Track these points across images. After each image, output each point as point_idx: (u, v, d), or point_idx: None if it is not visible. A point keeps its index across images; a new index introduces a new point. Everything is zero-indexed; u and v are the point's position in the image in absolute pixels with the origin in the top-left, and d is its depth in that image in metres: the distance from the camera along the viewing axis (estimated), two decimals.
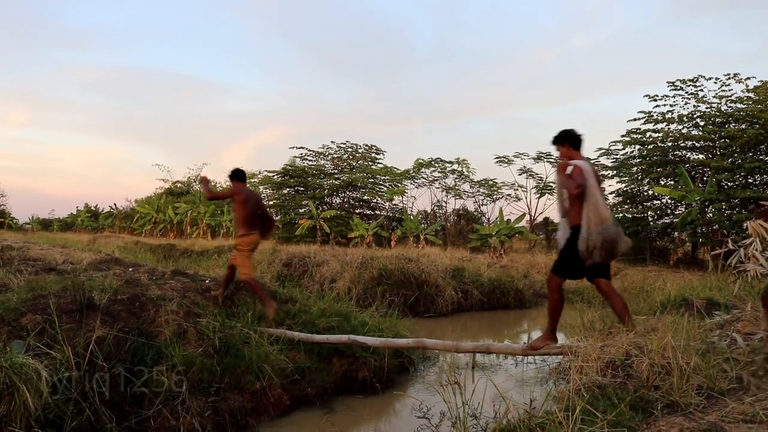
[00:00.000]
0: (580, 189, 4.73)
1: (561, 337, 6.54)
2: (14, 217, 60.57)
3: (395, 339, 6.82)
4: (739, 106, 21.18)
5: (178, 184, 45.68)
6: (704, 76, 22.09)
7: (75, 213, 57.49)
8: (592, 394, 3.76)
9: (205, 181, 7.91)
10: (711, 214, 19.09)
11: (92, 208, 57.40)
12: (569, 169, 4.87)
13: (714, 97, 22.03)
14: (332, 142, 36.09)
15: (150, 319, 6.04)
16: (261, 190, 40.55)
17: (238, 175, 7.55)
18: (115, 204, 52.93)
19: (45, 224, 58.37)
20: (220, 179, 45.51)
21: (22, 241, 19.48)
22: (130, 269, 9.66)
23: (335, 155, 35.95)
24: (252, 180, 42.11)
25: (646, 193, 24.15)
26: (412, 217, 30.23)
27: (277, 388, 5.84)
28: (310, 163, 35.85)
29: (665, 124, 22.64)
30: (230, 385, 5.61)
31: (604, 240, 4.65)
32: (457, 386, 3.60)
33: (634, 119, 23.50)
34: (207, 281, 8.32)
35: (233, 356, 5.89)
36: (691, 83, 22.25)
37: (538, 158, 30.70)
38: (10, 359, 4.16)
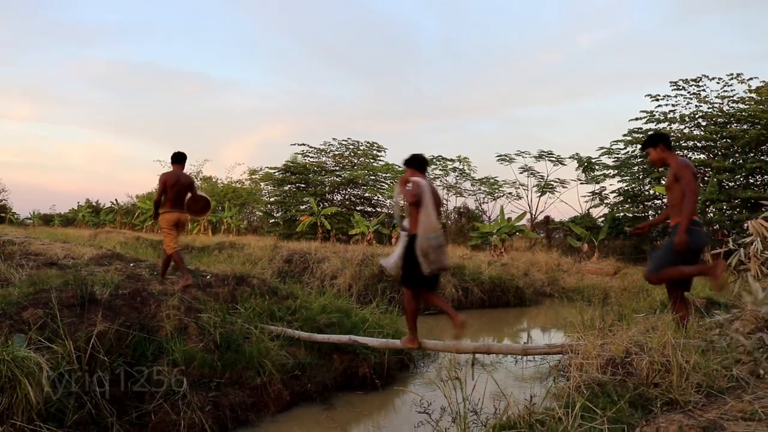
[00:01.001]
0: (416, 198, 5.41)
1: (560, 336, 6.58)
2: (15, 212, 60.60)
3: (395, 340, 6.82)
4: (741, 106, 21.19)
5: None
6: (707, 76, 22.12)
7: (76, 208, 57.52)
8: (591, 392, 3.77)
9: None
10: (712, 214, 19.12)
11: (93, 203, 57.44)
12: (409, 184, 5.59)
13: (716, 97, 22.05)
14: (334, 139, 36.12)
15: (151, 314, 6.05)
16: (262, 186, 40.58)
17: (175, 158, 8.15)
18: (116, 199, 52.94)
19: (46, 219, 58.44)
20: (221, 175, 45.60)
21: (23, 236, 19.50)
22: (132, 264, 9.69)
23: (337, 152, 35.96)
24: (253, 176, 42.17)
25: (647, 193, 24.16)
26: None
27: (278, 384, 5.86)
28: (311, 159, 35.85)
29: (667, 123, 22.66)
30: (231, 380, 5.62)
31: (433, 246, 5.34)
32: (457, 382, 3.61)
33: (636, 119, 23.54)
34: (208, 277, 8.34)
35: (234, 352, 5.91)
36: (693, 83, 22.27)
37: (540, 157, 30.73)
38: (12, 353, 4.18)
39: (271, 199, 38.52)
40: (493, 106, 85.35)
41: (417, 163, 5.86)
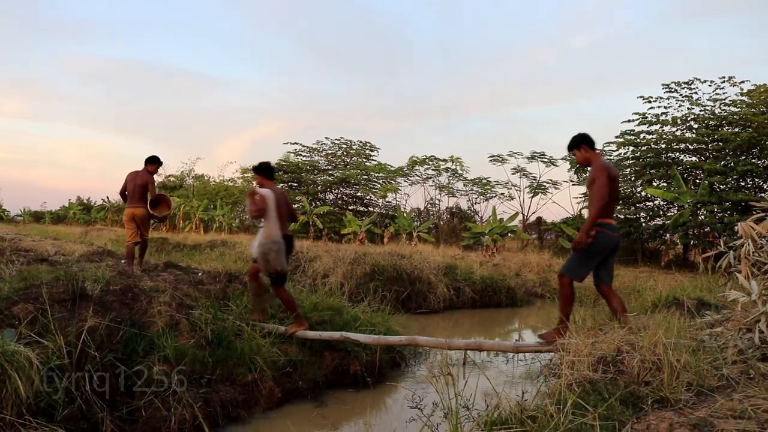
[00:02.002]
0: (257, 213, 6.25)
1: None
2: (5, 209, 60.28)
3: (387, 336, 6.83)
4: (733, 109, 21.31)
5: (172, 178, 45.56)
6: (699, 79, 22.24)
7: (67, 206, 57.27)
8: (583, 389, 3.78)
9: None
10: (703, 217, 19.21)
11: (84, 201, 57.22)
12: (258, 196, 6.32)
13: (708, 99, 22.17)
14: (326, 138, 36.16)
15: (142, 310, 6.02)
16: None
17: (146, 160, 9.19)
18: (107, 197, 52.73)
19: (37, 216, 58.14)
20: (214, 174, 45.48)
21: (13, 233, 19.45)
22: (123, 261, 9.65)
23: (329, 151, 35.97)
24: (245, 175, 42.11)
25: (638, 195, 24.26)
26: (405, 215, 30.25)
27: (269, 381, 5.85)
28: (304, 158, 35.86)
29: (659, 125, 22.76)
30: (222, 376, 5.61)
31: (270, 249, 6.20)
32: (449, 377, 3.62)
33: (629, 120, 23.63)
34: (200, 274, 8.32)
35: (225, 348, 5.89)
36: (686, 85, 22.38)
37: (532, 158, 30.81)
38: (2, 347, 4.15)
39: None
40: (487, 105, 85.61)
41: (265, 171, 6.72)
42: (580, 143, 5.72)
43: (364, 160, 35.75)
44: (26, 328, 4.88)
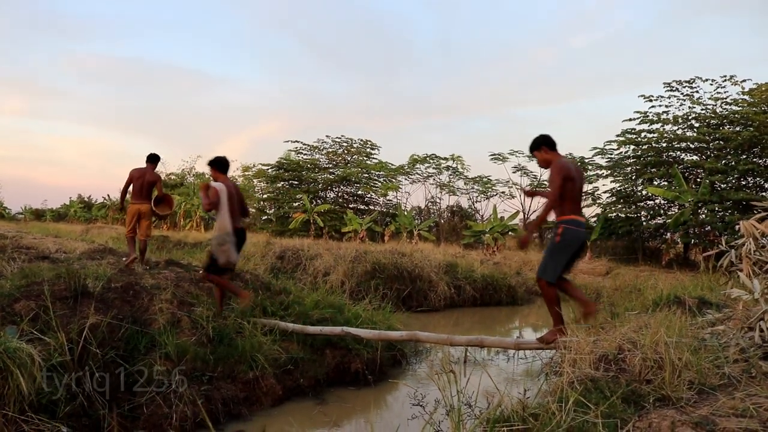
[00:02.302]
0: (210, 207, 6.53)
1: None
2: (6, 207, 60.29)
3: (389, 331, 6.83)
4: (735, 108, 21.27)
5: (172, 176, 45.54)
6: (700, 78, 22.20)
7: (68, 204, 57.24)
8: (584, 387, 3.78)
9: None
10: (704, 216, 19.19)
11: (85, 198, 57.18)
12: (210, 190, 6.57)
13: (709, 98, 22.12)
14: (327, 136, 36.09)
15: (144, 308, 6.04)
16: (255, 183, 40.50)
17: (149, 158, 9.30)
18: (108, 195, 52.62)
19: (38, 214, 58.10)
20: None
21: (14, 230, 19.45)
22: (124, 259, 9.65)
23: (330, 149, 35.93)
24: (246, 173, 42.09)
25: (639, 194, 24.23)
26: (406, 213, 30.24)
27: (270, 378, 5.85)
28: (304, 157, 35.81)
29: (660, 124, 22.72)
30: (223, 374, 5.62)
31: (223, 242, 6.50)
32: (452, 375, 3.62)
33: (630, 119, 23.58)
34: (200, 272, 8.31)
35: (226, 346, 5.90)
36: (687, 84, 22.34)
37: (533, 156, 30.75)
38: (4, 344, 4.16)
39: (264, 196, 38.45)
40: (487, 105, 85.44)
41: (219, 165, 6.91)
42: (541, 145, 5.78)
43: (365, 158, 35.71)
44: (28, 325, 4.90)
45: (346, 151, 35.94)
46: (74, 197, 57.66)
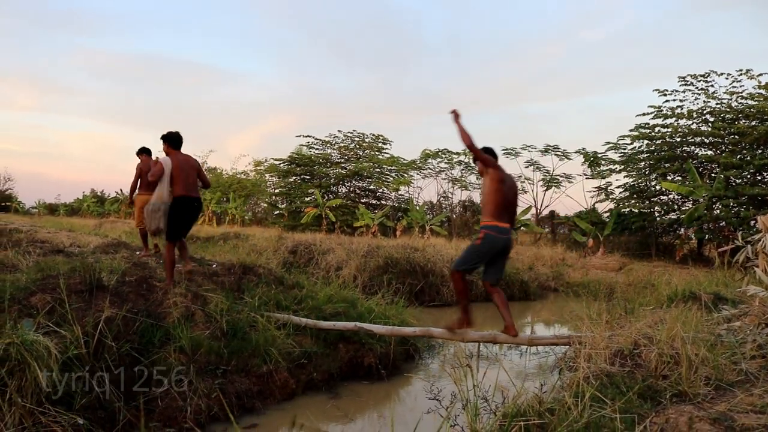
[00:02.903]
0: (154, 176, 6.93)
1: (565, 330, 6.56)
2: (21, 201, 60.86)
3: (402, 327, 6.82)
4: (750, 102, 21.05)
5: None
6: (716, 72, 21.98)
7: (81, 198, 57.62)
8: (600, 382, 3.76)
9: None
10: (718, 211, 19.01)
11: (98, 193, 57.56)
12: (157, 165, 7.02)
13: (725, 93, 21.91)
14: (339, 131, 36.15)
15: (158, 301, 6.06)
16: (267, 177, 40.57)
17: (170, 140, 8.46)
18: (121, 190, 52.92)
19: (51, 209, 58.55)
20: (227, 167, 45.58)
21: (29, 225, 19.59)
22: (138, 253, 9.69)
23: (342, 144, 35.92)
24: (258, 168, 42.15)
25: (653, 189, 24.06)
26: (417, 208, 30.21)
27: (284, 372, 5.86)
28: (316, 151, 35.82)
29: (674, 119, 22.55)
30: (237, 367, 5.63)
31: (155, 209, 6.89)
32: (467, 369, 3.61)
33: (643, 114, 23.40)
34: (214, 266, 8.34)
35: (240, 339, 5.91)
36: (702, 78, 22.14)
37: (546, 151, 30.60)
38: (21, 336, 4.19)
39: (276, 191, 38.53)
40: (496, 100, 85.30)
41: (170, 140, 7.20)
42: (485, 152, 6.00)
43: (377, 153, 35.68)
44: (44, 318, 4.92)
45: (357, 146, 35.92)
46: (87, 192, 58.16)
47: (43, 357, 4.17)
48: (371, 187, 35.20)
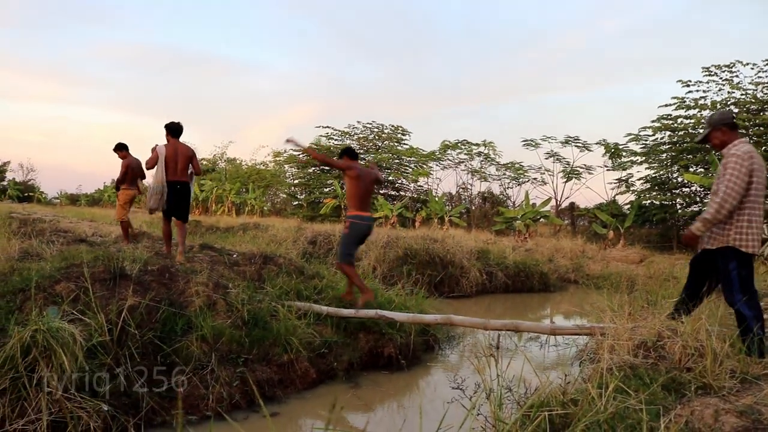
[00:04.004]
0: (149, 165, 7.93)
1: (585, 322, 6.52)
2: (43, 192, 61.57)
3: (423, 315, 6.82)
4: None
5: (204, 162, 45.95)
6: (741, 62, 21.68)
7: (102, 189, 58.14)
8: (624, 374, 3.73)
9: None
10: None
11: None
12: (153, 150, 7.93)
13: (750, 83, 21.61)
14: (358, 122, 36.10)
15: (180, 290, 6.10)
16: (286, 168, 40.68)
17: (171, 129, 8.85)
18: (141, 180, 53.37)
19: (73, 199, 59.22)
20: (246, 158, 45.72)
21: (51, 215, 19.85)
22: (159, 242, 9.77)
23: (361, 135, 35.94)
24: (277, 159, 42.28)
25: (675, 180, 23.83)
26: (437, 199, 30.17)
27: (304, 362, 5.88)
28: (336, 142, 35.85)
29: (697, 110, 22.28)
30: (258, 356, 5.66)
31: (154, 192, 7.82)
32: (491, 359, 3.61)
33: (666, 105, 23.16)
34: (234, 255, 8.39)
35: (261, 328, 5.94)
36: (726, 69, 21.84)
37: (566, 142, 30.37)
38: (47, 323, 4.24)
39: (295, 182, 38.68)
40: (518, 90, 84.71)
41: (170, 129, 8.07)
42: (342, 155, 7.11)
43: (396, 144, 35.67)
44: (69, 305, 4.98)
45: (377, 137, 35.93)
46: (108, 182, 58.60)
47: (69, 344, 4.22)
48: (390, 178, 35.19)
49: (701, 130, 21.28)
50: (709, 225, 4.63)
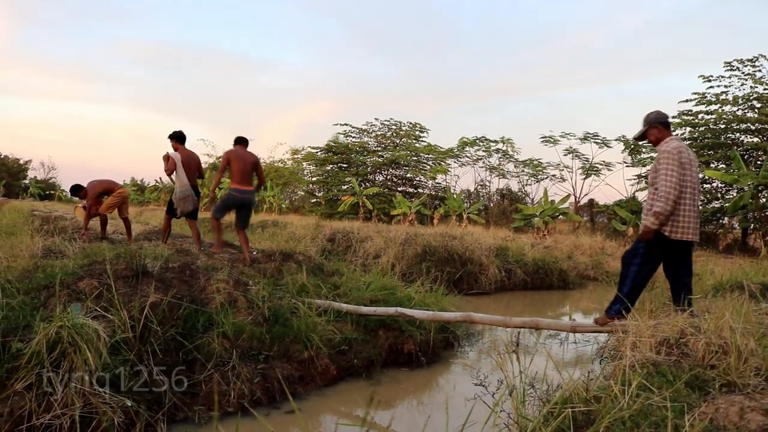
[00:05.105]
0: (169, 171, 8.61)
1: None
2: (64, 190, 62.13)
3: (442, 312, 6.81)
4: None
5: (221, 159, 46.11)
6: (764, 56, 21.41)
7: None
8: (646, 371, 3.71)
9: None
10: (764, 200, 18.57)
11: (138, 182, 58.47)
12: (170, 160, 8.56)
13: None
14: (376, 119, 36.11)
15: (201, 287, 6.14)
16: (304, 166, 40.79)
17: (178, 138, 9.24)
18: (160, 178, 53.74)
19: None
20: (264, 155, 45.90)
21: (72, 212, 20.01)
22: (179, 240, 9.84)
23: (379, 132, 35.96)
24: (295, 156, 42.38)
25: None
26: (455, 196, 30.11)
27: (325, 358, 5.90)
28: (353, 139, 35.90)
29: (719, 105, 22.03)
30: (279, 353, 5.69)
31: (180, 198, 8.63)
32: (514, 355, 3.60)
33: (686, 100, 22.94)
34: (254, 252, 8.43)
35: (282, 325, 5.97)
36: (749, 63, 21.57)
37: (585, 139, 30.23)
38: (72, 320, 4.29)
39: (313, 179, 38.76)
40: (536, 87, 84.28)
41: (177, 138, 8.85)
42: (236, 143, 8.43)
43: (414, 141, 35.64)
44: (92, 302, 5.03)
45: (394, 134, 35.91)
46: (127, 180, 59.08)
47: (93, 340, 4.27)
48: (408, 175, 35.19)
49: (722, 126, 20.96)
50: (662, 218, 5.08)
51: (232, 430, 4.60)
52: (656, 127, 5.46)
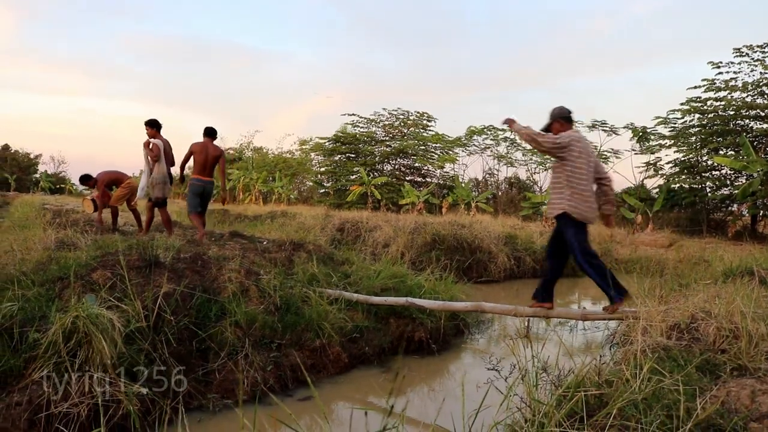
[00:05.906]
0: (155, 158, 9.02)
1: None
2: (74, 183, 62.39)
3: (453, 302, 6.84)
4: None
5: (231, 151, 46.23)
6: None
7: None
8: (658, 356, 3.73)
9: None
10: None
11: None
12: (151, 145, 9.07)
13: None
14: (384, 109, 36.01)
15: (213, 277, 6.18)
16: (312, 156, 40.83)
17: (207, 132, 9.54)
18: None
19: None
20: (272, 146, 45.90)
21: (82, 205, 20.11)
22: (189, 231, 9.90)
23: (387, 122, 35.88)
24: (303, 147, 42.39)
25: (704, 164, 23.48)
26: (463, 185, 30.07)
27: (336, 346, 5.95)
28: (361, 130, 35.86)
29: (728, 92, 21.88)
30: (291, 341, 5.73)
31: (161, 181, 9.13)
32: (526, 340, 3.63)
33: (695, 87, 22.77)
34: (264, 242, 8.48)
35: (294, 314, 6.00)
36: (759, 49, 21.39)
37: (593, 126, 30.04)
38: (87, 310, 4.34)
39: (322, 169, 38.75)
40: (544, 75, 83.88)
41: (155, 125, 9.15)
42: (207, 135, 9.16)
43: (422, 130, 35.56)
44: (106, 293, 5.08)
45: (402, 124, 35.84)
46: (136, 173, 59.19)
47: (108, 330, 4.32)
48: (416, 164, 35.14)
49: (731, 112, 20.76)
50: (525, 132, 5.60)
51: (248, 417, 4.65)
52: (558, 121, 5.78)
